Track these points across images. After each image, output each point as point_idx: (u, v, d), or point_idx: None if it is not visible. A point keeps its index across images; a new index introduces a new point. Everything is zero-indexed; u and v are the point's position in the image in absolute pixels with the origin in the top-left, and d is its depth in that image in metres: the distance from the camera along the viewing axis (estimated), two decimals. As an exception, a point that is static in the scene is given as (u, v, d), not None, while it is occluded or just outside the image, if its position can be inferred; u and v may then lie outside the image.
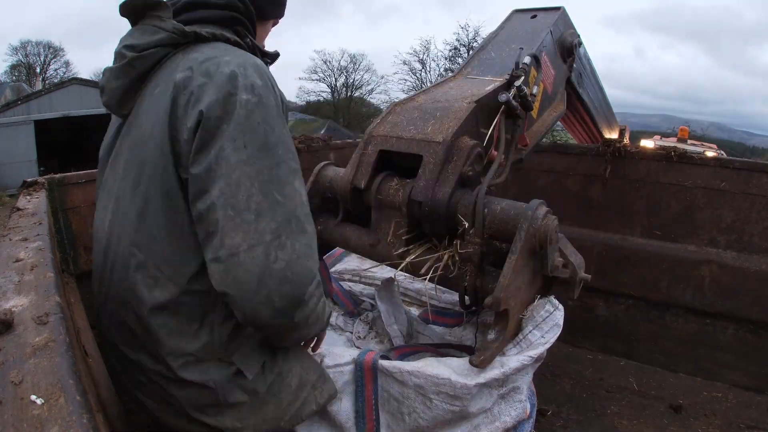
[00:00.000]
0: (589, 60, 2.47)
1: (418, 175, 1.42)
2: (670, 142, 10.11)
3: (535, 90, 1.67)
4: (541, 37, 1.90)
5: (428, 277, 1.39)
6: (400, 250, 1.46)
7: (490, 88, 1.59)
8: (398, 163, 1.52)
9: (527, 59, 1.66)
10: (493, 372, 1.16)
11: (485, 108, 1.53)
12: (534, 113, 1.82)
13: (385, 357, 1.22)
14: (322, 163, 1.75)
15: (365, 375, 1.17)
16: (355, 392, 1.18)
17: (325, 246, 1.80)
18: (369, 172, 1.51)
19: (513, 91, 1.55)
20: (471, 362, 1.18)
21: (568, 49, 2.09)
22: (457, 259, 1.37)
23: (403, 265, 1.42)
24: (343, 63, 37.45)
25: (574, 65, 2.20)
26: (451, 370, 1.14)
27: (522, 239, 1.21)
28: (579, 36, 2.15)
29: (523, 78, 1.59)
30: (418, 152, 1.43)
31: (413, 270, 1.44)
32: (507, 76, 1.61)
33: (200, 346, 0.90)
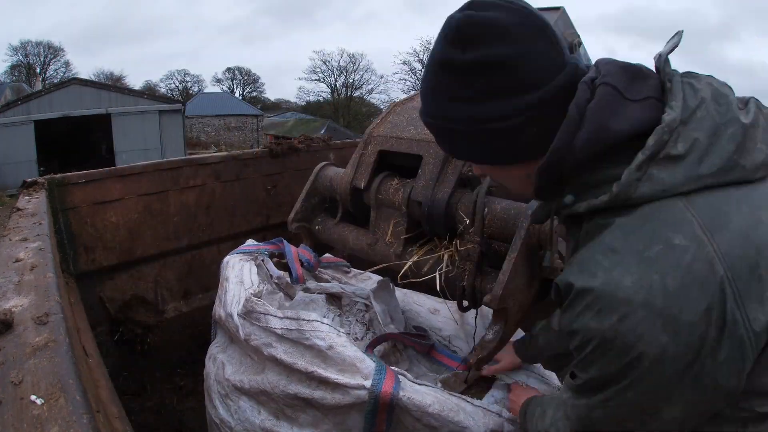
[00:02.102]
0: (589, 60, 2.47)
1: (417, 175, 1.42)
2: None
3: None
4: None
5: (432, 276, 1.39)
6: (399, 250, 1.46)
7: None
8: (398, 163, 1.52)
9: None
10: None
11: None
12: None
13: (403, 377, 1.16)
14: (322, 163, 1.75)
15: (380, 407, 1.10)
16: (365, 415, 1.13)
17: (322, 246, 1.80)
18: (369, 172, 1.51)
19: None
20: (466, 360, 1.18)
21: (568, 48, 2.09)
22: (456, 258, 1.37)
23: (407, 266, 1.42)
24: (342, 63, 37.49)
25: None
26: (472, 420, 1.11)
27: (522, 237, 1.21)
28: (579, 36, 2.15)
29: None
30: (417, 152, 1.43)
31: (413, 271, 1.44)
32: None
33: None
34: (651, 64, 0.70)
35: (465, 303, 1.44)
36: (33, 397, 0.52)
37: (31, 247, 1.09)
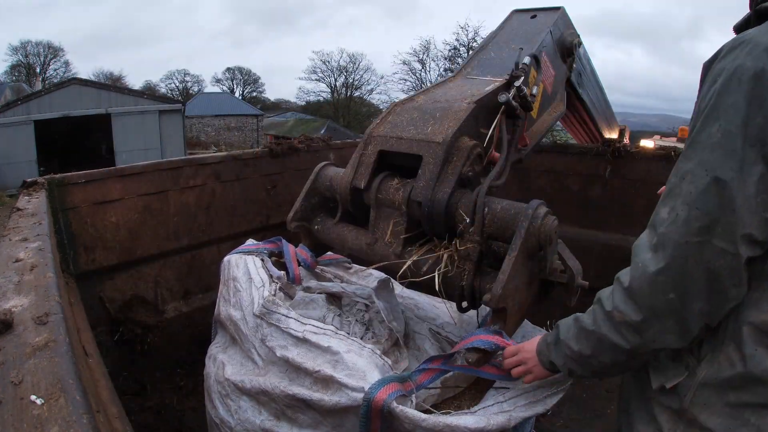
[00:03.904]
0: (589, 60, 2.47)
1: (417, 175, 1.42)
2: (670, 142, 10.11)
3: (534, 90, 1.67)
4: (541, 37, 1.90)
5: (431, 275, 1.38)
6: (398, 250, 1.46)
7: (489, 88, 1.59)
8: (398, 163, 1.52)
9: (527, 59, 1.66)
10: (499, 420, 1.12)
11: (485, 108, 1.53)
12: (534, 113, 1.82)
13: (402, 391, 1.12)
14: (322, 163, 1.75)
15: (372, 412, 1.10)
16: (360, 419, 1.12)
17: (321, 246, 1.80)
18: (369, 173, 1.51)
19: (513, 91, 1.55)
20: (466, 359, 1.18)
21: (568, 49, 2.09)
22: (455, 258, 1.37)
23: (406, 265, 1.42)
24: (342, 63, 37.50)
25: (574, 65, 2.20)
26: (466, 428, 1.08)
27: (522, 237, 1.21)
28: (579, 36, 2.15)
29: (522, 78, 1.59)
30: (417, 152, 1.43)
31: (412, 271, 1.44)
32: (507, 77, 1.61)
33: None
34: (625, 63, 0.81)
35: (464, 304, 1.44)
36: (33, 397, 0.52)
37: (31, 247, 1.09)
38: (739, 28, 0.93)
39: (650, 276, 0.81)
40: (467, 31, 35.81)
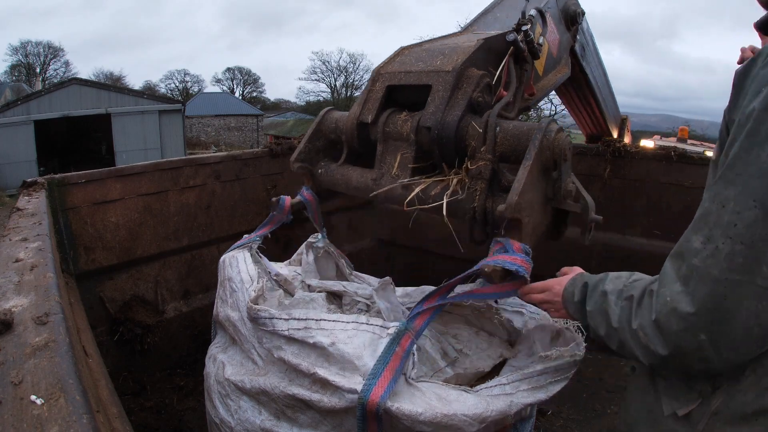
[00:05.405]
0: (592, 36, 2.45)
1: (426, 103, 1.38)
2: (670, 142, 10.14)
3: (541, 41, 1.64)
4: (545, 1, 1.90)
5: (440, 203, 1.31)
6: (405, 180, 1.41)
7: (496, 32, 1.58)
8: (406, 100, 1.49)
9: (533, 11, 1.65)
10: (500, 405, 1.12)
11: (493, 49, 1.50)
12: (540, 68, 1.79)
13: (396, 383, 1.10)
14: (327, 108, 1.73)
15: (368, 414, 1.08)
16: (357, 421, 1.11)
17: (325, 189, 1.75)
18: (377, 107, 1.47)
19: (520, 34, 1.53)
20: (490, 276, 1.12)
21: (572, 17, 2.07)
22: (465, 181, 1.32)
23: (414, 192, 1.37)
24: (342, 63, 37.52)
25: (578, 36, 2.19)
26: (465, 416, 1.08)
27: (536, 148, 1.17)
28: (581, 7, 2.14)
29: (530, 25, 1.57)
30: (426, 83, 1.40)
31: (419, 202, 1.38)
32: (514, 26, 1.59)
33: None
34: (615, 63, 0.76)
35: (476, 245, 1.35)
36: (33, 397, 0.52)
37: (31, 247, 1.09)
38: (762, 25, 0.83)
39: (681, 313, 0.73)
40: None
